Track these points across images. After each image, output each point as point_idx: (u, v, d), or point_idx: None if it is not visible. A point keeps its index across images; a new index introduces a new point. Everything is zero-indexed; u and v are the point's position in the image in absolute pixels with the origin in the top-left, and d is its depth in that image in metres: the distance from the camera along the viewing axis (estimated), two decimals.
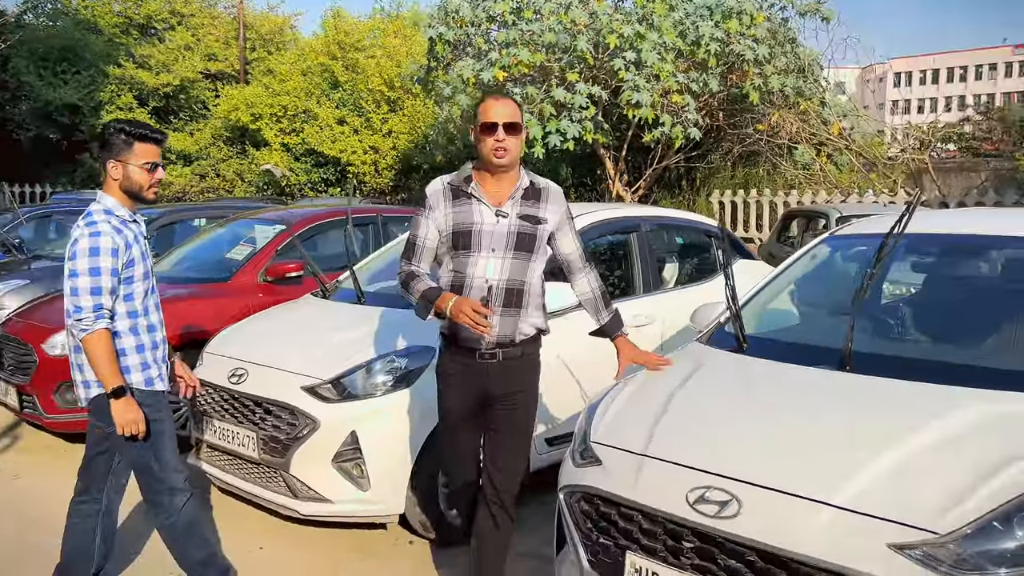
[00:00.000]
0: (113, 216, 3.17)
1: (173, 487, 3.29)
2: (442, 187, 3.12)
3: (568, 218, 3.21)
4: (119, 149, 3.17)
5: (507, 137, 2.97)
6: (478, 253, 3.04)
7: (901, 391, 2.76)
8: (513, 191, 3.08)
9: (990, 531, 2.16)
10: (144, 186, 3.21)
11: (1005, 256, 3.47)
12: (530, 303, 3.11)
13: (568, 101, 11.09)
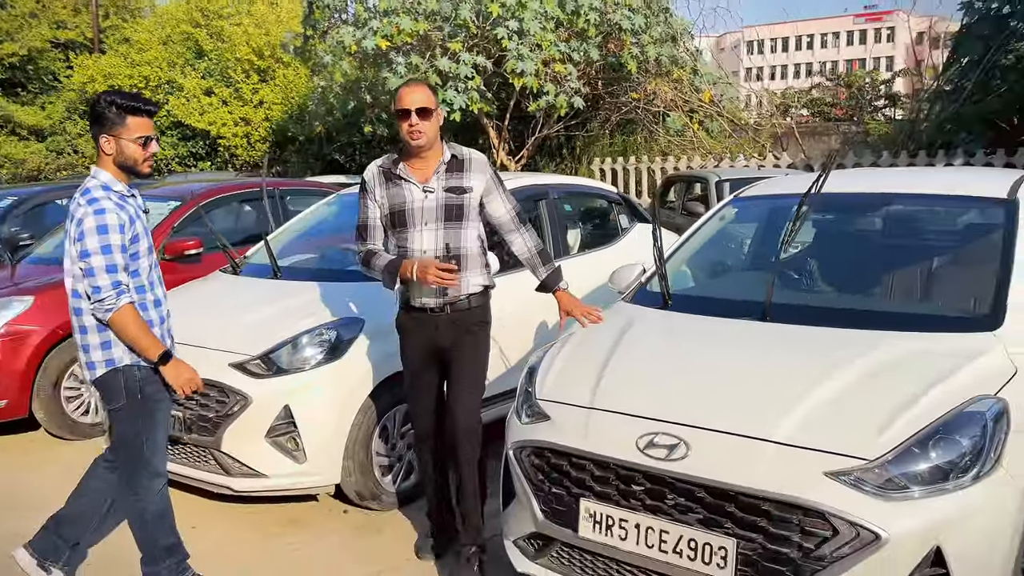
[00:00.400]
0: (112, 192, 3.11)
1: (156, 471, 3.26)
2: (375, 171, 3.44)
3: (495, 183, 3.46)
4: (111, 123, 3.09)
5: (420, 121, 3.26)
6: (413, 228, 3.37)
7: (819, 336, 3.05)
8: (437, 166, 3.37)
9: (909, 455, 2.44)
10: (139, 160, 3.14)
11: (895, 211, 3.82)
12: (469, 265, 3.41)
13: (453, 71, 11.11)
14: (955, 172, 5.00)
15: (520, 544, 3.12)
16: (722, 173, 9.89)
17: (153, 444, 3.24)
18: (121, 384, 3.16)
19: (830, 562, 2.37)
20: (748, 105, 17.52)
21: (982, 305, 3.05)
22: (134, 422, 3.19)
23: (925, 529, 2.34)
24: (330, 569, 3.69)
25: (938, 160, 11.39)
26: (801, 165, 12.55)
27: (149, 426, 3.22)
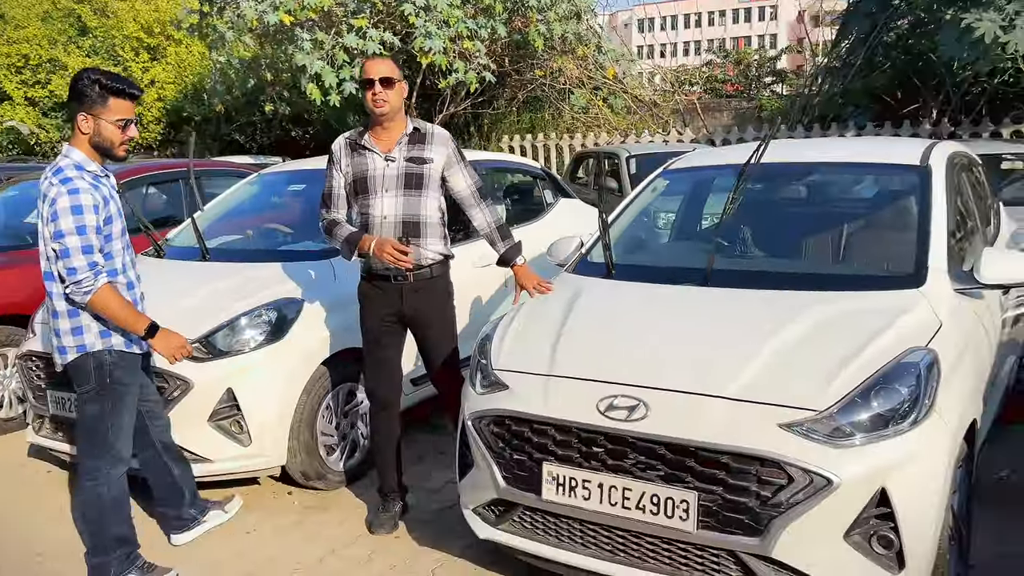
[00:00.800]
0: (85, 172, 3.06)
1: (118, 456, 3.23)
2: (343, 143, 3.62)
3: (457, 159, 3.59)
4: (92, 102, 3.05)
5: (383, 90, 3.44)
6: (375, 195, 3.52)
7: (760, 298, 3.21)
8: (400, 138, 3.54)
9: (854, 405, 2.62)
10: (115, 143, 3.11)
11: (820, 179, 4.03)
12: (428, 233, 3.55)
13: (361, 47, 10.94)
14: (869, 141, 5.29)
15: (480, 512, 3.19)
16: (632, 149, 10.11)
17: (118, 429, 3.22)
18: (91, 367, 3.15)
19: (786, 508, 2.52)
20: (651, 82, 17.88)
21: (907, 265, 3.27)
22: (102, 405, 3.18)
23: (871, 473, 2.52)
24: (284, 550, 3.67)
25: (831, 133, 11.94)
26: (704, 140, 12.94)
27: (116, 411, 3.20)
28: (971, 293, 3.30)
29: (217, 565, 3.57)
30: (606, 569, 2.85)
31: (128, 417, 3.25)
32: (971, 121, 11.35)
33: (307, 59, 10.46)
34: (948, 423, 2.68)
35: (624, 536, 2.82)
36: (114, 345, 3.17)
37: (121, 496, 3.28)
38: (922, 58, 12.16)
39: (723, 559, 2.66)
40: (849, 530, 2.54)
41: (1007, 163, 7.97)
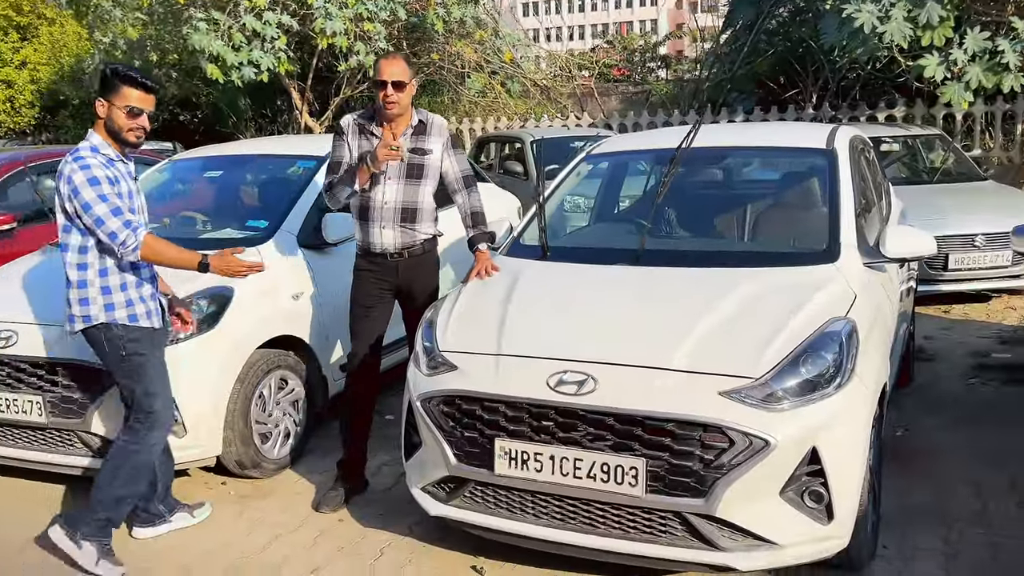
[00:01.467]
0: (99, 154, 3.26)
1: (153, 421, 3.37)
2: (352, 122, 3.84)
3: (450, 146, 3.90)
4: (106, 88, 3.25)
5: (395, 92, 3.63)
6: (377, 181, 3.74)
7: (691, 275, 3.41)
8: (405, 130, 3.78)
9: (786, 372, 2.84)
10: (123, 129, 3.26)
11: (738, 163, 4.28)
12: (423, 218, 3.86)
13: (260, 30, 10.68)
14: (778, 127, 5.61)
15: (430, 490, 3.27)
16: (535, 133, 10.29)
17: (150, 395, 3.37)
18: (102, 339, 3.33)
19: (728, 469, 2.72)
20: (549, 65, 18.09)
21: (821, 242, 3.53)
22: (126, 375, 3.37)
23: (803, 433, 2.75)
24: (225, 539, 3.65)
25: (721, 118, 12.45)
26: (601, 124, 13.24)
27: (140, 380, 3.36)
28: (876, 267, 3.60)
29: (155, 556, 3.53)
30: (559, 537, 2.99)
31: (157, 382, 3.40)
32: (848, 106, 12.04)
33: (204, 40, 10.13)
34: (867, 386, 2.94)
35: (575, 504, 2.97)
36: (117, 319, 3.31)
37: (145, 465, 3.41)
38: (802, 45, 12.80)
39: (670, 520, 2.85)
40: (784, 487, 2.76)
41: (886, 145, 8.55)
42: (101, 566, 3.32)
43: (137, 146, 3.36)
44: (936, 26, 8.54)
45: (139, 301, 3.36)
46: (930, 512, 3.59)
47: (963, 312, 7.10)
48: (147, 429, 3.37)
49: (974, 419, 4.64)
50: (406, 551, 3.49)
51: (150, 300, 3.42)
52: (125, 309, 3.32)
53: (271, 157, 5.20)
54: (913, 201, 6.11)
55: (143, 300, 3.38)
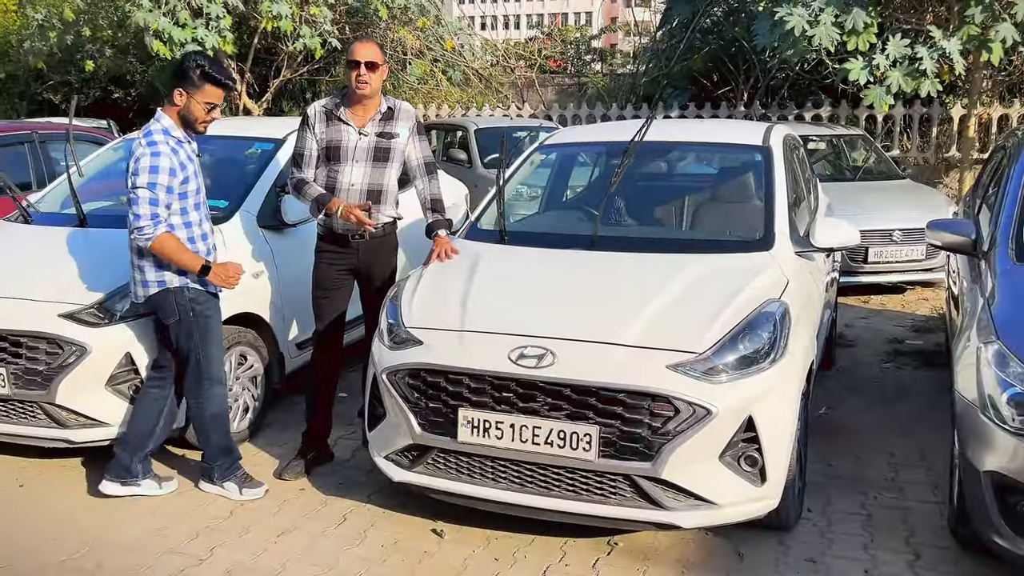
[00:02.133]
0: (170, 136, 3.55)
1: (211, 377, 3.72)
2: (319, 110, 3.98)
3: (415, 133, 3.99)
4: (190, 82, 3.52)
5: (367, 73, 3.81)
6: (345, 163, 3.92)
7: (641, 259, 3.68)
8: (374, 115, 3.93)
9: (726, 347, 3.13)
10: (199, 120, 3.59)
11: (683, 156, 4.57)
12: (387, 200, 4.02)
13: (205, 8, 10.58)
14: (719, 124, 5.93)
15: (394, 458, 3.47)
16: (479, 122, 10.47)
17: (208, 356, 3.69)
18: (173, 303, 3.62)
19: (674, 435, 2.99)
20: (493, 54, 18.23)
21: (758, 231, 3.84)
22: (189, 338, 3.65)
23: (741, 403, 3.03)
24: (191, 507, 3.77)
25: (657, 112, 12.81)
26: (541, 115, 13.49)
27: (204, 341, 3.67)
28: (806, 255, 3.92)
29: (128, 519, 3.64)
30: (517, 499, 3.23)
31: (215, 345, 3.73)
32: (777, 104, 12.55)
33: (148, 17, 10.01)
34: (797, 362, 3.25)
35: (532, 469, 3.21)
36: (190, 282, 3.62)
37: (221, 413, 3.79)
38: (735, 44, 13.26)
39: (620, 483, 3.11)
40: (723, 452, 3.05)
41: (812, 143, 9.01)
42: (245, 493, 3.82)
43: (201, 134, 3.68)
44: (861, 32, 9.04)
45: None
46: (850, 480, 3.94)
47: (881, 302, 7.59)
48: (207, 385, 3.72)
49: (890, 399, 5.05)
50: (367, 517, 3.67)
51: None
52: (188, 276, 3.62)
53: (230, 138, 5.28)
54: (837, 197, 6.52)
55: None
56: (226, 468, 3.84)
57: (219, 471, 3.83)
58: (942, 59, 8.98)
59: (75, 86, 15.32)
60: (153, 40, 10.36)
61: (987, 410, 2.95)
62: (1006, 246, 3.64)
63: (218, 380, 3.76)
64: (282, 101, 14.71)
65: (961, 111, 11.08)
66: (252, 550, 3.42)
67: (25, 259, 4.33)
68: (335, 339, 4.12)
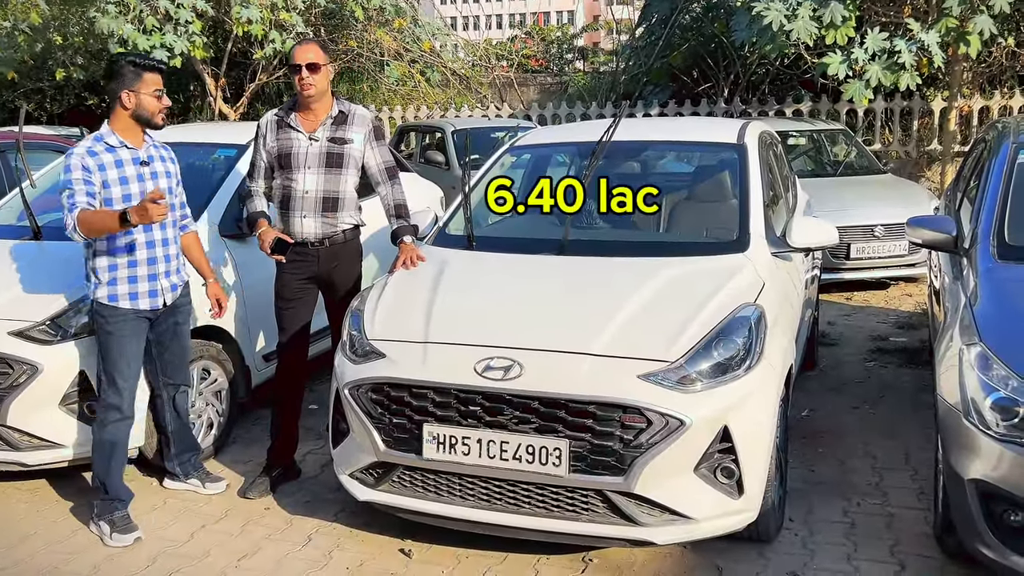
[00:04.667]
0: (100, 142, 3.46)
1: (107, 403, 3.50)
2: (271, 119, 3.90)
3: (372, 138, 3.87)
4: (130, 80, 3.43)
5: (310, 75, 3.70)
6: (298, 171, 3.81)
7: (611, 265, 3.56)
8: (324, 119, 3.81)
9: (699, 355, 3.00)
10: (155, 112, 3.49)
11: (655, 155, 4.44)
12: (344, 207, 3.87)
13: (174, 14, 10.40)
14: (692, 122, 5.80)
15: (358, 476, 3.33)
16: (456, 123, 10.33)
17: (107, 377, 3.51)
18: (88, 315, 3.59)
19: (647, 448, 2.86)
20: (471, 54, 18.08)
21: (733, 232, 3.72)
22: (99, 352, 3.55)
23: (716, 413, 2.91)
24: (150, 530, 3.61)
25: (637, 110, 12.72)
26: (521, 115, 13.36)
27: (105, 359, 3.51)
28: (783, 256, 3.81)
29: (80, 547, 3.48)
30: (486, 518, 3.10)
31: (118, 368, 3.50)
32: (758, 100, 12.47)
33: (114, 23, 9.82)
34: (774, 368, 3.13)
35: (501, 486, 3.07)
36: (98, 296, 3.49)
37: (111, 442, 3.53)
38: (715, 40, 13.17)
39: (592, 498, 2.98)
40: (698, 464, 2.93)
41: (792, 139, 8.92)
42: (114, 539, 3.51)
43: (162, 126, 3.59)
44: (839, 25, 8.96)
45: (125, 282, 3.50)
46: (832, 486, 3.83)
47: (863, 299, 7.50)
48: (103, 408, 3.53)
49: (873, 399, 4.94)
50: (333, 537, 3.53)
51: (144, 282, 3.53)
52: (106, 288, 3.48)
53: (191, 145, 5.12)
54: (818, 193, 6.43)
55: (132, 281, 3.50)
56: (103, 506, 3.57)
57: (97, 506, 3.58)
58: (921, 52, 8.91)
59: (48, 93, 15.08)
60: (116, 47, 10.17)
61: (970, 415, 2.84)
62: (987, 243, 3.54)
63: (113, 406, 3.51)
64: (258, 105, 14.51)
65: (942, 104, 11.02)
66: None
67: None
68: (299, 351, 3.98)
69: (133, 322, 3.53)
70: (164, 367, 3.79)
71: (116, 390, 3.51)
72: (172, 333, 3.74)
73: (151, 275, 3.55)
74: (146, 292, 3.54)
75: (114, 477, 3.58)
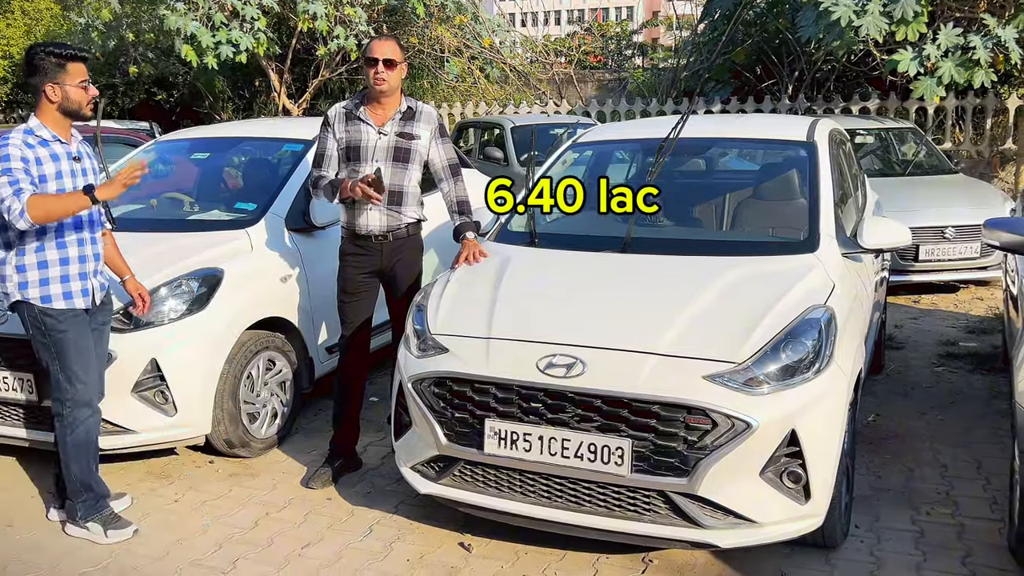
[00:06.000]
0: (32, 135, 3.30)
1: (75, 400, 3.40)
2: (339, 110, 3.94)
3: (438, 135, 3.98)
4: (53, 71, 3.27)
5: (385, 70, 3.75)
6: (365, 163, 3.85)
7: (677, 263, 3.51)
8: (393, 114, 3.87)
9: (767, 357, 2.95)
10: (83, 103, 3.33)
11: (721, 153, 4.38)
12: (408, 201, 3.92)
13: (241, 10, 10.60)
14: (760, 119, 5.72)
15: (420, 469, 3.36)
16: (515, 120, 10.33)
17: (68, 374, 3.38)
18: (25, 316, 3.40)
19: (711, 450, 2.82)
20: (532, 50, 18.07)
21: (802, 232, 3.64)
22: (47, 352, 3.39)
23: (783, 416, 2.86)
24: (216, 516, 3.70)
25: (697, 107, 12.56)
26: (579, 112, 13.30)
27: (59, 358, 3.38)
28: (853, 257, 3.72)
29: (149, 530, 3.57)
30: (545, 515, 3.09)
31: (79, 363, 3.38)
32: (823, 97, 12.21)
33: (181, 21, 10.05)
34: (844, 372, 3.06)
35: (561, 483, 3.06)
36: (30, 297, 3.35)
37: (85, 441, 3.45)
38: (779, 36, 12.93)
39: (653, 499, 2.95)
40: (764, 467, 2.88)
41: (860, 137, 8.71)
42: (111, 535, 3.48)
43: (90, 118, 3.42)
44: (911, 21, 8.72)
45: (57, 281, 3.35)
46: (900, 493, 3.73)
47: (932, 302, 7.30)
48: (70, 408, 3.41)
49: (943, 405, 4.80)
50: (394, 528, 3.57)
51: (76, 280, 3.39)
52: (39, 289, 3.33)
53: (259, 140, 5.22)
54: (886, 193, 6.26)
55: (64, 280, 3.36)
56: (90, 506, 3.50)
57: (82, 509, 3.49)
58: (997, 48, 8.62)
59: (120, 89, 15.51)
60: (184, 44, 10.40)
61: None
62: None
63: (84, 403, 3.41)
64: (321, 101, 14.71)
65: (1017, 102, 10.66)
66: (275, 563, 3.33)
67: None
68: (361, 344, 4.03)
69: (80, 317, 3.42)
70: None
71: (84, 387, 3.40)
72: (99, 333, 3.57)
73: (81, 273, 3.41)
74: (79, 290, 3.41)
75: (96, 475, 3.52)
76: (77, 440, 3.44)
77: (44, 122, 3.33)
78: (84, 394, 3.42)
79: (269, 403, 4.37)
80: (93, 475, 3.52)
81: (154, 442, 3.96)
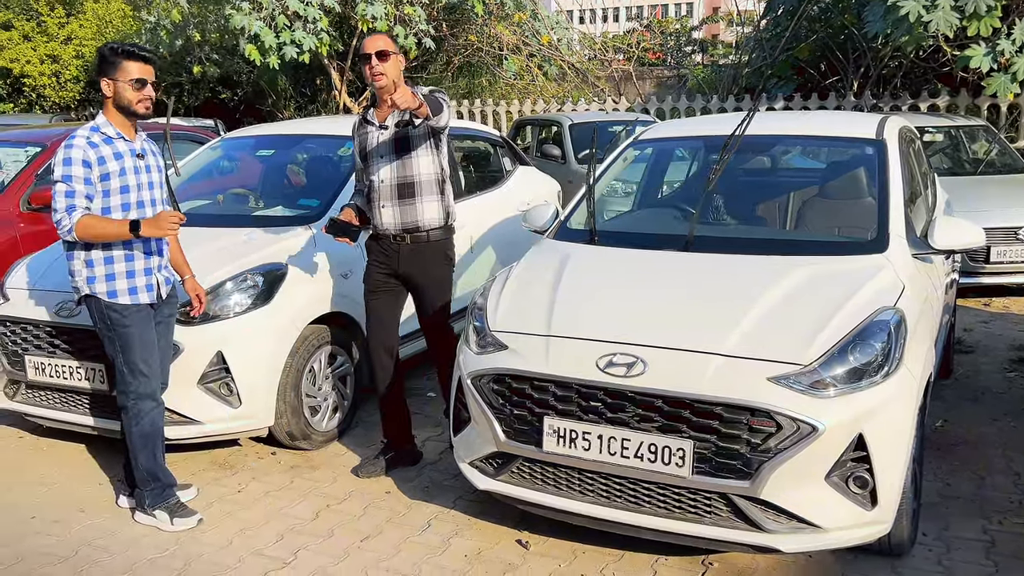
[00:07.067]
0: (97, 132, 3.40)
1: (138, 392, 3.49)
2: (357, 119, 3.99)
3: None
4: (110, 67, 3.37)
5: (379, 63, 3.66)
6: (375, 162, 3.86)
7: (741, 263, 3.45)
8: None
9: (835, 359, 2.88)
10: (132, 101, 3.38)
11: (787, 151, 4.30)
12: (422, 191, 3.83)
13: (303, 12, 10.77)
14: (827, 116, 5.59)
15: (478, 465, 3.37)
16: (573, 117, 10.28)
17: (133, 366, 3.47)
18: (92, 309, 3.50)
19: (775, 453, 2.77)
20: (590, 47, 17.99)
21: (871, 232, 3.56)
22: (112, 344, 3.48)
23: (850, 420, 2.79)
24: (277, 507, 3.77)
25: (761, 104, 12.34)
26: (638, 109, 13.20)
27: (123, 351, 3.47)
28: (924, 258, 3.62)
29: (212, 520, 3.65)
30: (604, 514, 3.07)
31: (140, 357, 3.47)
32: (890, 94, 11.90)
33: (245, 20, 10.26)
34: (914, 375, 2.98)
35: (621, 483, 3.04)
36: (96, 292, 3.43)
37: (151, 432, 3.54)
38: (844, 32, 12.64)
39: (715, 501, 2.91)
40: (830, 472, 2.82)
41: (928, 135, 8.47)
42: (177, 523, 3.58)
43: (146, 117, 3.48)
44: (983, 16, 8.45)
45: (123, 276, 3.44)
46: (969, 502, 3.62)
47: (1003, 305, 7.07)
48: (133, 400, 3.50)
49: (1016, 412, 4.65)
50: (452, 524, 3.58)
51: (141, 276, 3.48)
52: (105, 284, 3.43)
53: (322, 137, 5.28)
54: (956, 192, 6.08)
55: (130, 275, 3.45)
56: (157, 495, 3.59)
57: (150, 497, 3.58)
58: None
59: (185, 88, 15.87)
60: (247, 44, 10.60)
61: None
62: None
63: (147, 395, 3.49)
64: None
65: None
66: (335, 554, 3.37)
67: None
68: (386, 342, 4.00)
69: (144, 312, 3.51)
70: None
71: (146, 380, 3.49)
72: (164, 327, 3.67)
73: (147, 269, 3.49)
74: (144, 286, 3.49)
75: (162, 465, 3.62)
76: (143, 431, 3.53)
77: (109, 119, 3.42)
78: (147, 387, 3.50)
79: (330, 397, 4.44)
80: (160, 465, 3.61)
81: (218, 433, 4.05)
